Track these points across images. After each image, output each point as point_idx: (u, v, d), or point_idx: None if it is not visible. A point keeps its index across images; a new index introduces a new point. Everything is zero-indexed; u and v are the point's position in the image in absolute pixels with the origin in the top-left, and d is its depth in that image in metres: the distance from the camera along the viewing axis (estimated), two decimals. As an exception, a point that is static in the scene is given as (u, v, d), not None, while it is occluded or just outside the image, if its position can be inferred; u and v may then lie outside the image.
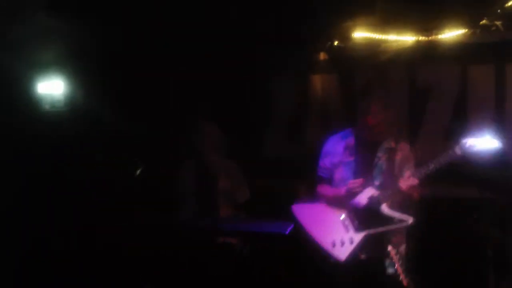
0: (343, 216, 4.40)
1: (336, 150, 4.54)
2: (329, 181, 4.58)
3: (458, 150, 4.23)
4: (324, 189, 4.59)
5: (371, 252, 4.32)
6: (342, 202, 4.41)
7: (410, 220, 4.24)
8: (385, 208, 4.30)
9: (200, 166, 5.75)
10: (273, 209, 5.00)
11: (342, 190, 4.41)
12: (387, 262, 4.31)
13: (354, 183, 4.34)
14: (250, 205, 5.75)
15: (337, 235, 4.34)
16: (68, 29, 5.70)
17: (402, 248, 4.40)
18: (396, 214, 4.28)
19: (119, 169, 6.02)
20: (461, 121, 5.95)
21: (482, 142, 4.22)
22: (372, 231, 4.29)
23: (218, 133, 5.80)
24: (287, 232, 4.50)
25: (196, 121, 5.92)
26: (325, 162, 4.59)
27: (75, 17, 5.65)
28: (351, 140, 4.52)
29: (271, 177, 6.55)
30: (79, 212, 6.09)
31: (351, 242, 4.29)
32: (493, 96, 5.88)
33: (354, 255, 4.29)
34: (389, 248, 4.34)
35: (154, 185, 6.08)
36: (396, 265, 4.28)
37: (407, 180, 4.24)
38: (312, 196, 4.67)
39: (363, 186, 4.36)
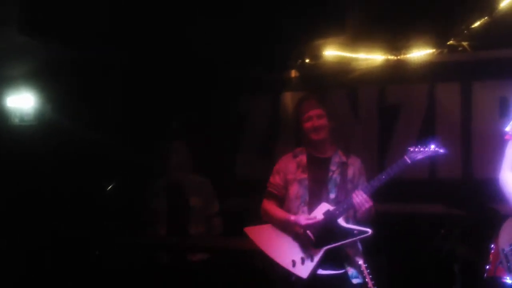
0: (298, 234, 4.36)
1: (288, 168, 4.52)
2: (279, 198, 4.55)
3: (407, 159, 4.27)
4: (273, 208, 4.54)
5: (332, 266, 4.31)
6: (291, 225, 4.37)
7: (369, 231, 4.26)
8: (342, 222, 4.31)
9: (170, 184, 5.78)
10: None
11: (292, 217, 4.37)
12: (351, 272, 4.31)
13: (309, 219, 4.30)
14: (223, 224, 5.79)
15: (296, 254, 4.31)
16: (39, 45, 5.73)
17: (361, 261, 4.37)
18: (354, 227, 4.30)
19: (90, 184, 6.02)
20: (430, 138, 6.00)
21: (428, 150, 4.28)
22: (331, 245, 4.28)
23: (187, 151, 5.85)
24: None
25: (165, 139, 5.95)
26: (276, 179, 4.56)
27: (47, 33, 5.67)
28: (303, 158, 4.51)
29: (243, 196, 6.52)
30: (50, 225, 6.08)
31: (312, 259, 4.27)
32: (460, 113, 5.98)
33: (316, 272, 4.27)
34: (360, 262, 4.33)
35: (126, 203, 6.09)
36: (367, 279, 4.27)
37: (359, 195, 4.24)
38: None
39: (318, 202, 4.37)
